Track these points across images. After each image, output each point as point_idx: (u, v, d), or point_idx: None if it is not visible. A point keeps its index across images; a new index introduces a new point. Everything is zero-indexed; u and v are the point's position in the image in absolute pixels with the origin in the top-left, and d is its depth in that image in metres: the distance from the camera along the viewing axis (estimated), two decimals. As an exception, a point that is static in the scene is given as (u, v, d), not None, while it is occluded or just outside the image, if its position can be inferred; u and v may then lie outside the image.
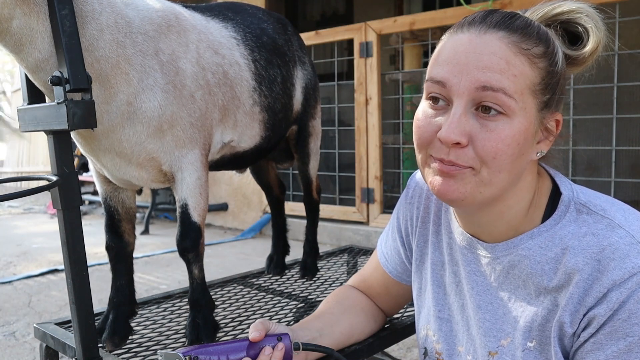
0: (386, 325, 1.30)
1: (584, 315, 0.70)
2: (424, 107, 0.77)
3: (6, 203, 7.95)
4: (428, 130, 0.75)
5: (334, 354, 0.93)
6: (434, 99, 0.75)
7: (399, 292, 1.09)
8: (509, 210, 0.79)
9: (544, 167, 0.84)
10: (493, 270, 0.82)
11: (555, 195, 0.80)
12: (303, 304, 1.50)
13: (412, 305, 1.49)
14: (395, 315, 1.37)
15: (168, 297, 1.57)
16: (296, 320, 1.37)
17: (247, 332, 1.28)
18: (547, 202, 0.80)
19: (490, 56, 0.70)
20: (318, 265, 1.82)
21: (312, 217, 1.83)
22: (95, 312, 1.12)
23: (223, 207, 5.55)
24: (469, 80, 0.70)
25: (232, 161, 1.45)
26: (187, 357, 0.82)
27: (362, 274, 1.15)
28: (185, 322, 1.30)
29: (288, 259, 1.88)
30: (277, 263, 1.82)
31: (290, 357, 0.88)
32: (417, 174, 1.01)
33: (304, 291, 1.62)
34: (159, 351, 0.95)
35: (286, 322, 1.37)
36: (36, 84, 1.05)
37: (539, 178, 0.82)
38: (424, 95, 0.77)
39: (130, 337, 1.26)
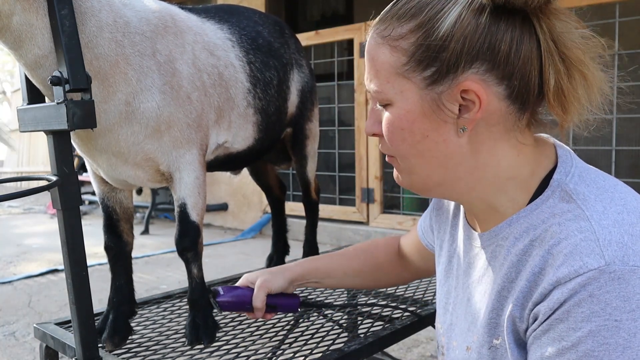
0: (386, 325, 1.30)
1: (531, 311, 0.66)
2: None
3: (6, 203, 7.96)
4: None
5: (325, 308, 1.19)
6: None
7: (427, 256, 1.08)
8: (480, 194, 0.74)
9: (556, 145, 0.76)
10: (480, 261, 0.79)
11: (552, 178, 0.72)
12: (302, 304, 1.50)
13: (411, 305, 1.50)
14: (396, 315, 1.37)
15: (168, 297, 1.57)
16: (296, 321, 1.37)
17: (248, 332, 1.29)
18: (540, 184, 0.72)
19: (365, 58, 0.74)
20: (318, 265, 1.82)
21: (312, 218, 1.83)
22: (95, 312, 1.11)
23: (223, 207, 5.55)
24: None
25: (226, 162, 1.45)
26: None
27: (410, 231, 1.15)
28: (185, 322, 1.30)
29: (288, 259, 1.88)
30: (277, 263, 1.83)
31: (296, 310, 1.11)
32: None
33: (304, 291, 1.62)
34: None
35: (286, 322, 1.37)
36: (34, 82, 1.05)
37: (537, 156, 0.73)
38: None
39: (130, 337, 1.27)
